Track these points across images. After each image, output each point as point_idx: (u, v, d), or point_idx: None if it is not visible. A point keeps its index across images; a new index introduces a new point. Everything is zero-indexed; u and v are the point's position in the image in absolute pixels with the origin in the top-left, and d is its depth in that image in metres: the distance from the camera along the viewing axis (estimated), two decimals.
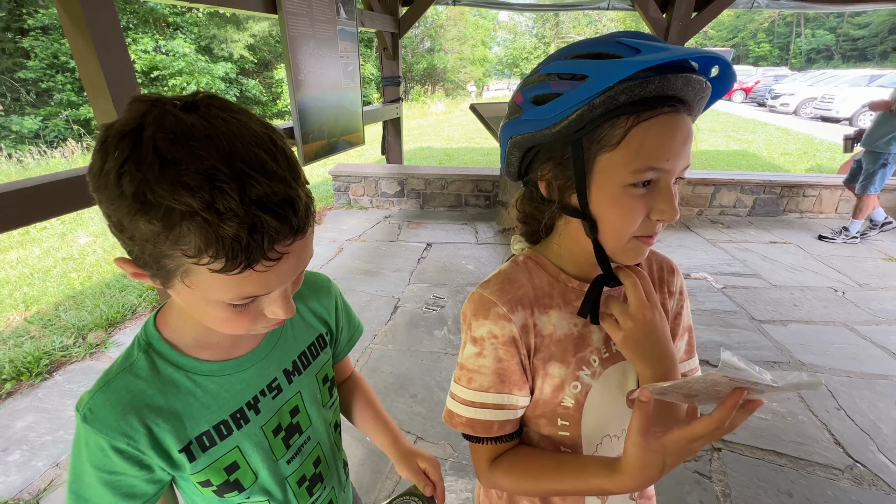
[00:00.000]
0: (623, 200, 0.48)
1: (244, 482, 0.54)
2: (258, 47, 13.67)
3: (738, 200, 4.39)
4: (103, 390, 0.47)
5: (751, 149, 8.52)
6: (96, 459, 0.46)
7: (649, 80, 0.42)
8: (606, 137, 0.46)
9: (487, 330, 0.55)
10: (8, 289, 3.05)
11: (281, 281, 0.42)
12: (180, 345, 0.50)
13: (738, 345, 2.39)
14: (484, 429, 0.57)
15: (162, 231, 0.35)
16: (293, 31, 2.53)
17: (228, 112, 0.38)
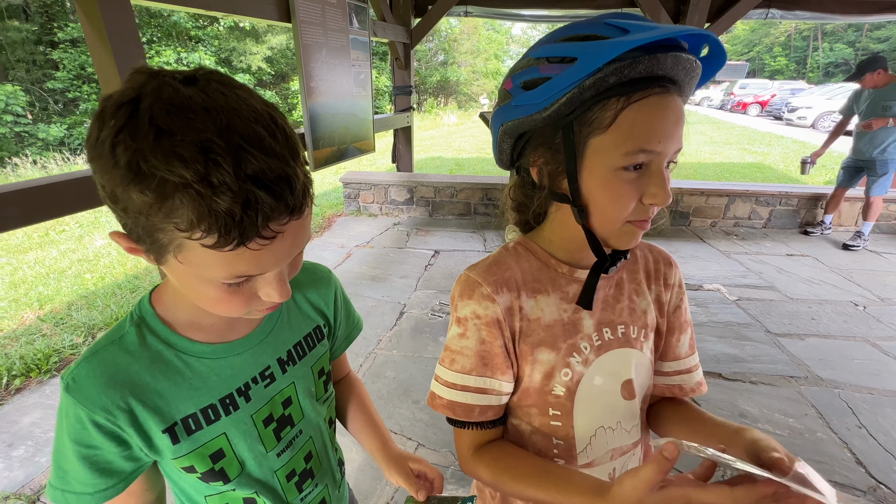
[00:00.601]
0: (614, 184, 0.47)
1: (230, 472, 0.53)
2: (275, 59, 14.04)
3: (753, 212, 4.30)
4: (89, 360, 0.46)
5: (766, 161, 8.38)
6: (74, 432, 0.45)
7: (639, 60, 0.41)
8: (597, 120, 0.45)
9: (471, 310, 0.54)
10: (24, 288, 3.12)
11: (276, 261, 0.41)
12: (173, 323, 0.50)
13: (752, 358, 2.31)
14: (464, 412, 0.55)
15: (154, 202, 0.34)
16: (306, 39, 2.58)
17: (229, 87, 0.37)
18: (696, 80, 0.47)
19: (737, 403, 1.98)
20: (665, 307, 0.62)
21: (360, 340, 2.37)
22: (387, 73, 15.45)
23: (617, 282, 0.60)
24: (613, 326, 0.57)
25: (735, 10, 3.86)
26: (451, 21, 20.36)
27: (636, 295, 0.60)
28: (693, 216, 4.32)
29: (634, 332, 0.58)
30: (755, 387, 2.10)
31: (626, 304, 0.59)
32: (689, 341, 0.64)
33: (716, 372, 2.20)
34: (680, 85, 0.46)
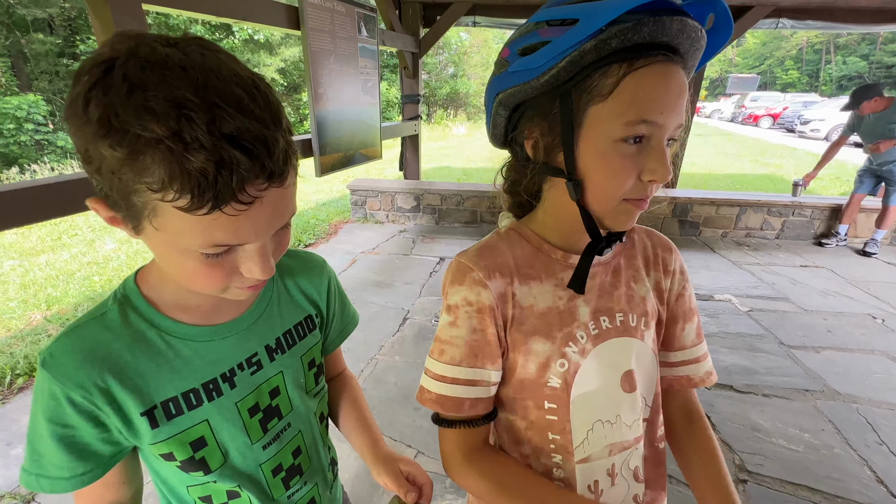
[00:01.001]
0: (612, 157, 0.44)
1: (211, 463, 0.50)
2: (288, 71, 14.32)
3: (765, 222, 4.22)
4: (67, 335, 0.44)
5: (779, 173, 8.27)
6: (49, 410, 0.43)
7: (643, 22, 0.39)
8: (598, 87, 0.43)
9: (462, 297, 0.52)
10: (34, 289, 3.16)
11: (256, 232, 0.39)
12: (158, 303, 0.48)
13: (765, 370, 2.23)
14: (454, 406, 0.52)
15: (126, 159, 0.33)
16: (315, 46, 2.61)
17: (211, 50, 0.36)
18: (700, 52, 0.44)
19: (749, 416, 1.91)
20: (665, 294, 0.59)
21: (362, 345, 2.35)
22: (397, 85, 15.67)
23: (614, 268, 0.57)
24: (611, 314, 0.54)
25: (744, 19, 3.84)
26: (462, 34, 20.65)
27: (634, 282, 0.57)
28: (703, 226, 4.25)
29: (633, 320, 0.55)
30: (768, 400, 2.02)
31: (623, 292, 0.56)
32: (695, 330, 0.61)
33: (727, 384, 2.13)
34: (684, 56, 0.44)
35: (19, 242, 4.28)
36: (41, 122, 10.09)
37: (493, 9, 4.15)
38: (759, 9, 3.79)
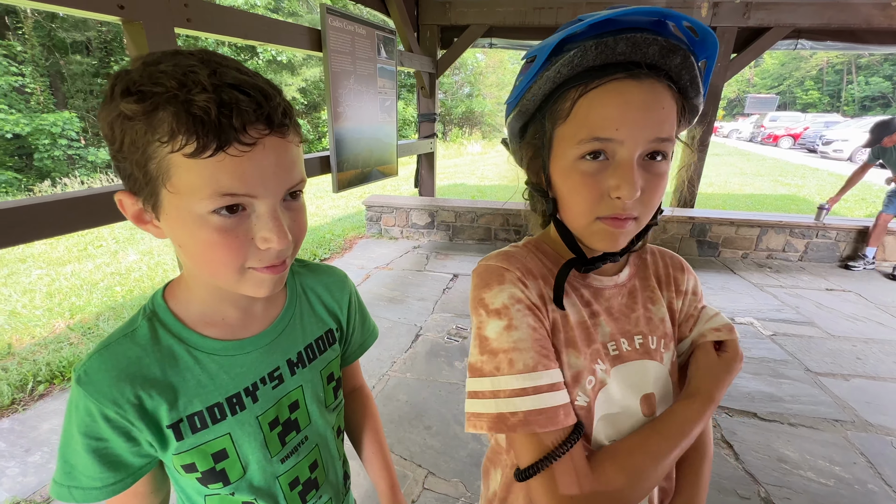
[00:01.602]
0: (572, 175, 0.46)
1: (231, 475, 0.51)
2: (309, 90, 14.76)
3: (787, 244, 4.11)
4: (101, 353, 0.45)
5: (801, 194, 8.10)
6: (84, 425, 0.44)
7: (586, 48, 0.41)
8: (558, 111, 0.46)
9: (508, 294, 0.48)
10: (58, 298, 3.26)
11: (263, 181, 0.40)
12: (186, 318, 0.49)
13: (791, 398, 2.14)
14: (549, 419, 0.44)
15: (142, 113, 0.37)
16: (336, 67, 2.70)
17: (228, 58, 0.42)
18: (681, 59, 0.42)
19: (774, 447, 1.82)
20: (676, 314, 0.58)
21: (375, 361, 2.34)
22: (413, 104, 15.99)
23: (630, 290, 0.56)
24: (630, 337, 0.54)
25: (762, 40, 3.84)
26: (478, 55, 21.06)
27: (651, 303, 0.56)
28: (723, 247, 4.16)
29: (653, 342, 0.54)
30: (795, 429, 1.93)
31: (641, 314, 0.55)
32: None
33: (750, 411, 2.04)
34: (660, 68, 0.42)
35: (47, 252, 4.43)
36: (74, 138, 10.57)
37: (509, 30, 4.24)
38: (777, 30, 3.79)
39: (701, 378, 0.52)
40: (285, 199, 0.44)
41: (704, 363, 0.53)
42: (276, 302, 0.56)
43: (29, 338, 2.67)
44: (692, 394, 0.51)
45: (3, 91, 9.20)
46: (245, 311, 0.52)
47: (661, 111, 0.43)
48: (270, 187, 0.41)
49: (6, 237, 1.22)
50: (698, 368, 0.53)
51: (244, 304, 0.52)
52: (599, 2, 3.76)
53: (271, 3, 12.36)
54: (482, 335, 0.48)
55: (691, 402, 0.50)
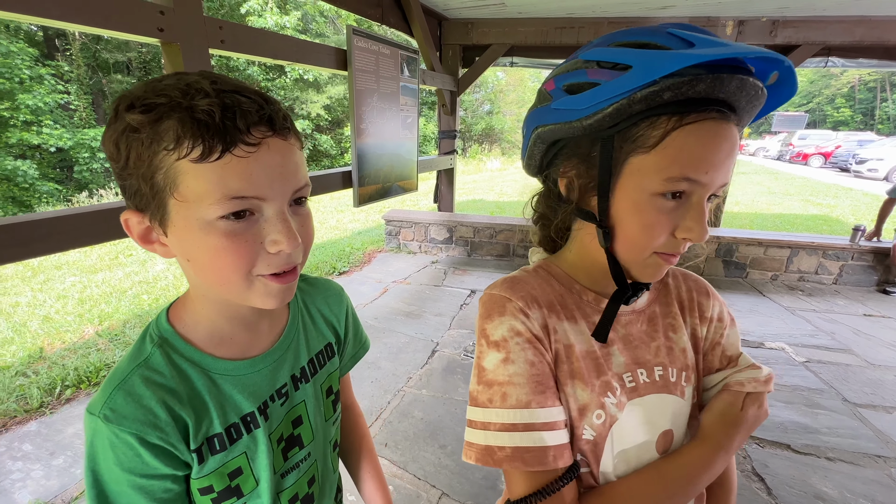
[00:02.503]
0: (647, 211, 0.42)
1: (244, 488, 0.51)
2: (333, 107, 15.20)
3: (820, 266, 3.94)
4: (120, 388, 0.43)
5: (833, 214, 7.79)
6: (125, 461, 0.42)
7: (700, 78, 0.37)
8: (642, 138, 0.41)
9: (508, 326, 0.47)
10: (89, 305, 3.37)
11: (270, 182, 0.40)
12: (196, 341, 0.48)
13: (828, 430, 2.02)
14: (537, 458, 0.43)
15: (148, 123, 0.37)
16: (360, 85, 2.77)
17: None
18: (757, 109, 0.42)
19: (811, 482, 1.71)
20: (700, 342, 0.54)
21: (390, 376, 2.32)
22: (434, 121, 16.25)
23: (649, 317, 0.53)
24: (649, 368, 0.50)
25: (791, 58, 3.75)
26: (498, 74, 21.34)
27: (673, 331, 0.53)
28: (750, 268, 4.02)
29: (674, 374, 0.51)
30: (833, 464, 1.81)
31: (662, 343, 0.52)
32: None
33: (783, 442, 1.93)
34: (739, 113, 0.41)
35: (81, 260, 4.62)
36: None
37: (530, 49, 4.28)
38: (805, 47, 3.71)
39: (714, 423, 0.49)
40: (291, 204, 0.43)
41: (723, 408, 0.49)
42: (280, 317, 0.56)
43: (60, 342, 2.77)
44: (703, 438, 0.48)
45: (50, 108, 9.78)
46: (252, 329, 0.52)
47: (735, 155, 0.42)
48: (277, 188, 0.41)
49: (45, 245, 1.28)
50: (715, 413, 0.50)
51: (251, 320, 0.51)
52: (621, 21, 3.77)
53: (300, 24, 12.87)
54: (481, 365, 0.48)
55: (701, 447, 0.47)
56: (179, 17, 1.55)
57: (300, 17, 12.70)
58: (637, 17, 3.73)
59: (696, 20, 3.66)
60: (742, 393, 0.50)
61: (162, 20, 1.49)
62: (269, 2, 12.14)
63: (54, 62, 11.23)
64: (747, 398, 0.49)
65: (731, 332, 0.56)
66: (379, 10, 3.27)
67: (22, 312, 3.25)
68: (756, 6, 3.35)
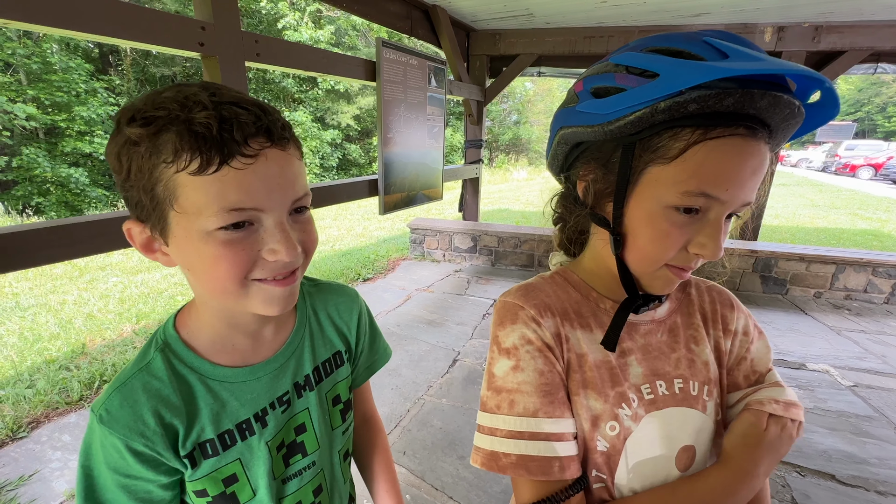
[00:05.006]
0: (660, 222, 0.41)
1: (241, 497, 0.51)
2: (362, 118, 15.58)
3: (869, 284, 3.69)
4: (119, 390, 0.45)
5: (885, 229, 7.31)
6: (112, 461, 0.44)
7: (729, 92, 0.35)
8: (663, 148, 0.40)
9: (519, 335, 0.47)
10: (129, 304, 3.55)
11: (268, 193, 0.40)
12: (197, 347, 0.49)
13: (878, 461, 1.87)
14: (542, 468, 0.43)
15: (147, 136, 0.38)
16: (388, 96, 2.83)
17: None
18: (793, 128, 0.40)
19: None
20: (724, 356, 0.52)
21: (410, 384, 2.32)
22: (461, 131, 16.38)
23: (670, 327, 0.51)
24: (669, 380, 0.48)
25: (835, 65, 3.59)
26: (526, 84, 21.34)
27: (695, 343, 0.51)
28: (791, 284, 3.81)
29: (695, 388, 0.49)
30: (884, 499, 1.67)
31: (683, 355, 0.50)
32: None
33: (827, 472, 1.80)
34: (772, 130, 0.39)
35: (123, 262, 4.88)
36: None
37: (558, 59, 4.26)
38: (852, 53, 3.53)
39: (736, 446, 0.46)
40: (292, 213, 0.44)
41: (745, 429, 0.46)
42: (285, 325, 0.56)
43: (100, 339, 2.92)
44: (725, 461, 0.46)
45: (102, 119, 10.46)
46: (255, 337, 0.52)
47: (762, 174, 0.40)
48: (276, 199, 0.41)
49: (90, 246, 1.36)
50: (736, 434, 0.47)
51: (254, 328, 0.51)
52: (652, 29, 3.70)
53: (333, 38, 13.32)
54: (491, 371, 0.48)
55: (722, 471, 0.44)
56: (219, 32, 1.63)
57: (333, 31, 13.15)
58: (669, 26, 3.66)
59: (731, 27, 3.55)
60: (765, 413, 0.47)
61: (203, 35, 1.58)
62: (304, 17, 12.63)
63: (107, 76, 12.04)
64: (770, 419, 0.47)
65: (760, 346, 0.54)
66: (408, 22, 3.34)
67: (68, 310, 3.45)
68: (796, 12, 3.22)
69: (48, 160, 9.84)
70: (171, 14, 1.50)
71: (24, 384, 2.32)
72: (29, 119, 9.23)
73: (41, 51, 9.57)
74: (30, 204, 9.79)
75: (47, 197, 10.00)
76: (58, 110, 9.90)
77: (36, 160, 9.61)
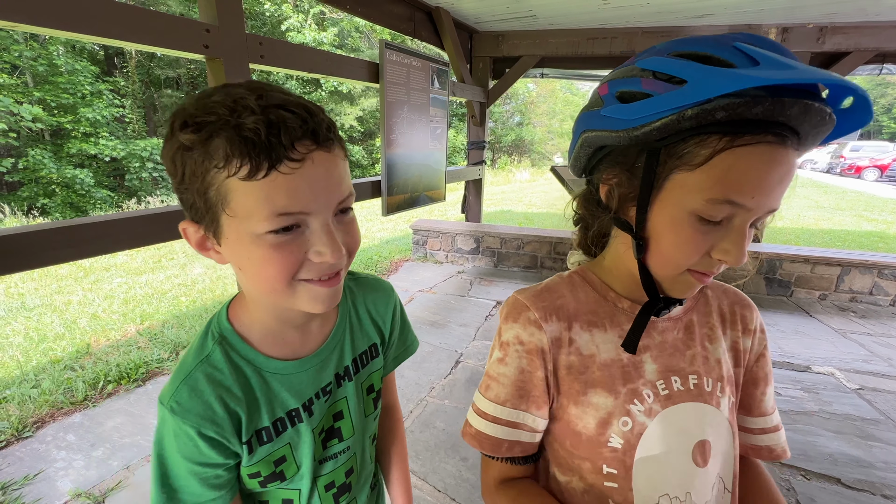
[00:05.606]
0: (684, 228, 0.41)
1: (288, 473, 0.55)
2: (366, 119, 15.64)
3: (875, 286, 3.67)
4: (185, 382, 0.48)
5: (890, 231, 7.26)
6: (185, 450, 0.47)
7: (758, 100, 0.35)
8: (689, 155, 0.39)
9: (514, 334, 0.51)
10: (133, 305, 3.57)
11: (314, 196, 0.42)
12: (251, 340, 0.52)
13: (885, 465, 1.85)
14: (492, 446, 0.52)
15: (199, 142, 0.39)
16: (391, 97, 2.83)
17: None
18: (824, 134, 0.39)
19: None
20: (743, 356, 0.53)
21: (413, 386, 2.32)
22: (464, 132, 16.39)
23: (686, 325, 0.52)
24: (684, 376, 0.49)
25: (841, 65, 3.57)
26: (529, 85, 21.34)
27: (709, 341, 0.52)
28: (796, 286, 3.79)
29: (709, 384, 0.50)
30: (890, 503, 1.66)
31: (698, 352, 0.51)
32: (772, 395, 0.56)
33: (832, 476, 1.79)
34: (801, 137, 0.39)
35: (128, 263, 4.91)
36: (159, 162, 11.80)
37: (561, 60, 4.26)
38: (857, 54, 3.51)
39: None
40: (336, 214, 0.45)
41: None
42: (328, 319, 0.59)
43: (105, 339, 2.93)
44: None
45: (107, 120, 10.53)
46: (302, 331, 0.55)
47: (789, 181, 0.40)
48: (322, 202, 0.42)
49: (95, 247, 1.36)
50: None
51: (301, 322, 0.54)
52: (655, 31, 3.70)
53: (336, 39, 13.37)
54: (490, 357, 0.55)
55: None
56: (223, 35, 1.64)
57: (337, 32, 13.20)
58: (673, 27, 3.65)
59: (735, 28, 3.54)
60: None
61: (207, 37, 1.58)
62: (308, 19, 12.69)
63: (112, 78, 12.11)
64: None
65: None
66: (411, 24, 3.35)
67: (73, 310, 3.47)
68: (801, 13, 3.21)
69: (54, 161, 9.92)
70: (176, 16, 1.51)
71: (30, 384, 2.34)
72: (35, 121, 9.31)
73: (47, 53, 9.65)
74: (35, 205, 9.86)
75: (53, 198, 10.08)
76: (63, 112, 9.98)
77: (42, 161, 9.68)
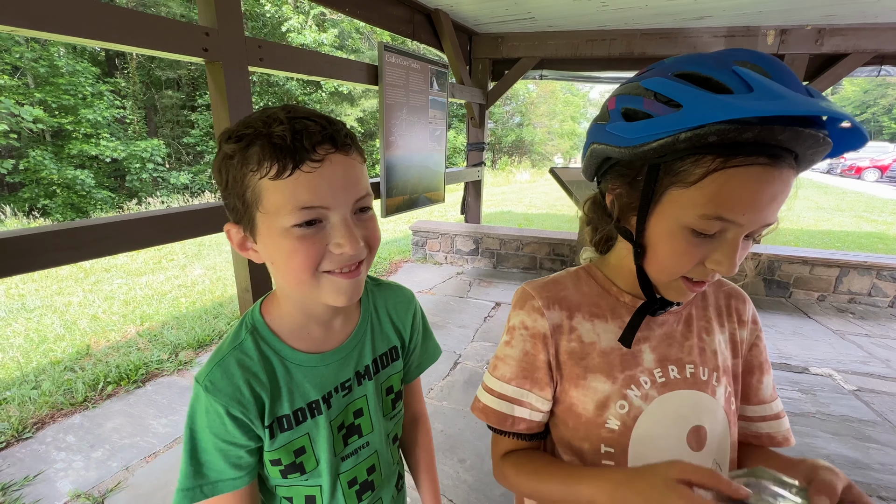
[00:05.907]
0: (678, 240, 0.44)
1: (307, 466, 0.58)
2: (366, 120, 15.65)
3: (874, 287, 3.67)
4: (220, 365, 0.53)
5: (890, 232, 7.26)
6: (214, 426, 0.52)
7: (748, 127, 0.37)
8: (684, 173, 0.42)
9: (520, 320, 0.56)
10: (133, 306, 3.57)
11: (333, 193, 0.47)
12: (280, 332, 0.57)
13: (882, 466, 1.85)
14: (498, 419, 0.56)
15: (239, 150, 0.46)
16: (390, 99, 2.84)
17: None
18: (820, 155, 0.41)
19: None
20: (739, 346, 0.57)
21: None
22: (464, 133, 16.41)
23: (685, 318, 0.56)
24: (681, 365, 0.53)
25: (838, 67, 3.58)
26: (529, 86, 21.36)
27: (706, 333, 0.56)
28: (794, 287, 3.79)
29: (705, 374, 0.53)
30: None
31: (695, 343, 0.54)
32: (771, 384, 0.58)
33: None
34: (797, 156, 0.41)
35: (128, 264, 4.91)
36: (159, 163, 11.83)
37: (560, 62, 4.27)
38: (856, 56, 3.52)
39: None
40: (356, 212, 0.50)
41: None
42: (351, 318, 0.63)
43: (105, 340, 2.94)
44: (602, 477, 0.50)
45: (108, 121, 10.55)
46: (326, 327, 0.59)
47: (784, 198, 0.42)
48: (340, 198, 0.48)
49: (95, 249, 1.37)
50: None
51: (326, 319, 0.59)
52: (654, 32, 3.71)
53: (336, 41, 13.39)
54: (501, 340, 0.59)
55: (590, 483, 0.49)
56: (222, 38, 1.65)
57: (337, 34, 13.22)
58: (671, 29, 3.66)
59: (734, 30, 3.55)
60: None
61: (207, 41, 1.59)
62: (308, 20, 12.71)
63: (113, 79, 12.13)
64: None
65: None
66: (410, 26, 3.36)
67: (73, 311, 3.48)
68: (800, 14, 3.22)
69: (55, 162, 9.93)
70: (175, 20, 1.51)
71: (30, 385, 2.35)
72: (36, 122, 9.33)
73: (48, 55, 9.67)
74: (36, 206, 9.88)
75: (53, 199, 10.09)
76: (64, 113, 10.00)
77: (42, 162, 9.70)
